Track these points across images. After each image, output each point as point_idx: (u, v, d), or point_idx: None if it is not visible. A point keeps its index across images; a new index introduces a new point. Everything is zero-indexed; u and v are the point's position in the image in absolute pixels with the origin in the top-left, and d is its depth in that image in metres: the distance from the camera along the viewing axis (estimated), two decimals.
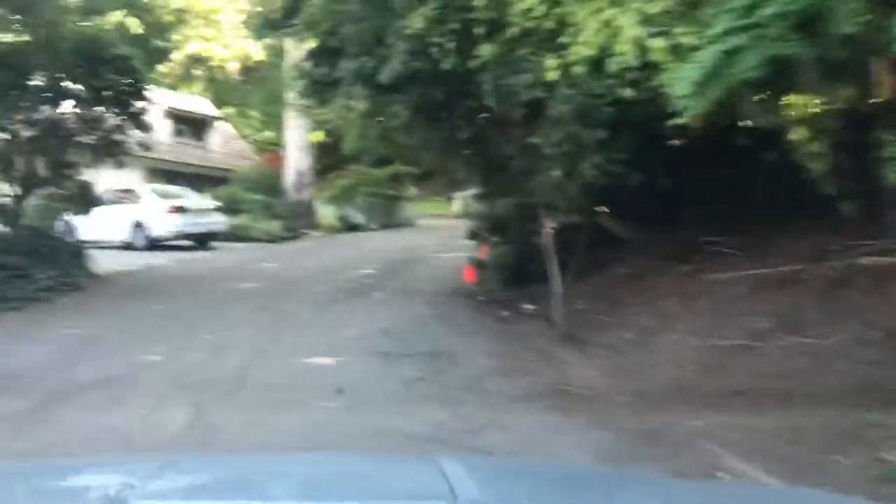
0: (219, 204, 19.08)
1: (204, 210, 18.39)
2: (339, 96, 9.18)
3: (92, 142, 12.16)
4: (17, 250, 10.51)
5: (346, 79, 8.25)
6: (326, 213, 24.27)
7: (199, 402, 5.87)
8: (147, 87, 12.69)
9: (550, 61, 5.67)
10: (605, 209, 8.14)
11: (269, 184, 22.74)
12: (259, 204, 21.19)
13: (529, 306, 9.90)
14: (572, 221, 8.11)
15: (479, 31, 6.63)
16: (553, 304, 8.26)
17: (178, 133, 24.81)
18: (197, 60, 28.81)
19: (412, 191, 28.56)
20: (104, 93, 11.91)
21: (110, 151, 12.34)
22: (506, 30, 6.54)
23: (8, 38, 10.09)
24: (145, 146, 12.93)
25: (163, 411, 5.64)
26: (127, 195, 17.67)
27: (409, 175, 27.67)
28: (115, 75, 11.74)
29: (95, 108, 12.19)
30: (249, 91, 33.33)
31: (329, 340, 8.42)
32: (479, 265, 12.41)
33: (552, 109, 6.22)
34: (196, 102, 27.23)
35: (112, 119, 12.39)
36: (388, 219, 26.49)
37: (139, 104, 12.57)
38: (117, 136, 12.29)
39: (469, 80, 7.31)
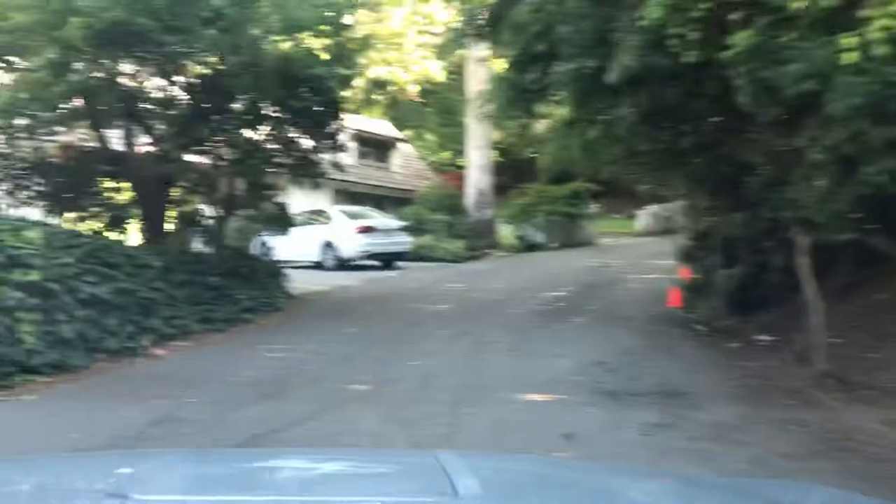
0: (405, 224, 18.95)
1: (390, 230, 18.31)
2: (548, 104, 8.43)
3: (289, 163, 12.17)
4: (220, 271, 10.55)
5: (560, 83, 7.47)
6: (506, 232, 23.66)
7: (416, 445, 5.24)
8: (342, 107, 12.57)
9: (848, 39, 4.58)
10: (875, 223, 6.79)
11: (451, 203, 22.47)
12: (442, 223, 20.92)
13: (764, 337, 8.64)
14: (827, 238, 6.84)
15: (735, 16, 5.62)
16: (812, 337, 6.99)
17: (362, 155, 25.17)
18: (378, 84, 29.28)
19: (593, 208, 27.43)
20: (300, 114, 11.87)
21: (307, 172, 12.30)
22: (767, 13, 5.49)
23: (214, 61, 10.17)
24: (339, 167, 12.83)
25: None
26: (317, 216, 17.87)
27: (589, 192, 26.63)
28: (311, 96, 11.65)
29: (292, 130, 12.21)
30: (428, 113, 33.62)
31: (540, 373, 7.61)
32: (692, 288, 11.22)
33: (834, 103, 5.09)
34: (378, 125, 27.62)
35: (307, 140, 12.38)
36: (568, 238, 25.52)
37: (334, 125, 12.48)
38: (313, 157, 12.23)
39: (711, 75, 6.31)
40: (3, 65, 9.66)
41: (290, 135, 12.05)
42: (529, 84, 8.16)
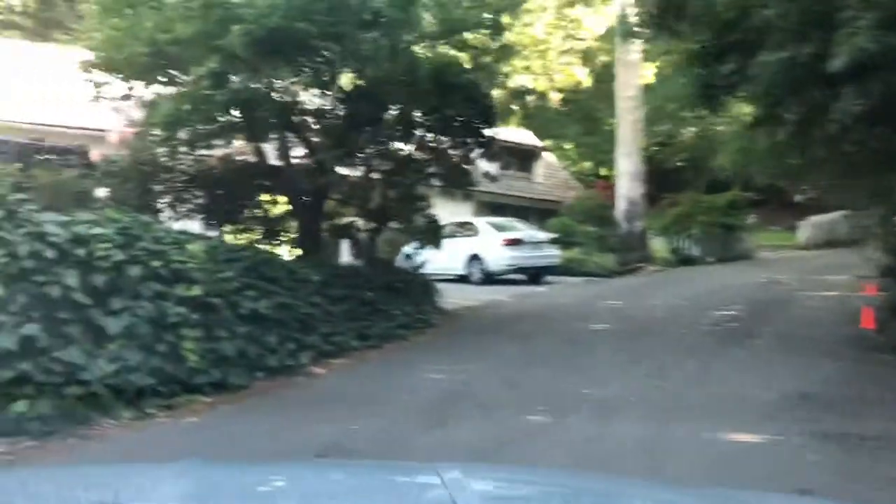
0: (553, 236, 18.16)
1: (539, 243, 17.57)
2: (741, 99, 7.49)
3: (441, 173, 11.72)
4: (374, 285, 10.18)
5: (762, 76, 6.53)
6: (658, 244, 22.39)
7: None
8: (496, 114, 12.01)
9: None
10: None
11: (599, 214, 21.49)
12: (591, 235, 19.97)
13: None
14: None
15: None
16: None
17: (504, 165, 24.58)
18: (518, 93, 28.70)
19: (751, 219, 25.66)
20: (453, 122, 11.39)
21: (459, 183, 11.81)
22: None
23: (370, 68, 9.84)
24: (492, 177, 12.27)
25: None
26: (463, 228, 17.38)
27: (747, 201, 24.95)
28: (464, 103, 11.13)
29: (444, 139, 11.77)
30: (568, 122, 32.67)
31: (737, 406, 6.66)
32: (891, 308, 9.84)
33: None
34: (520, 134, 27.01)
35: (459, 150, 11.89)
36: (725, 251, 23.95)
37: (487, 133, 11.95)
38: (466, 167, 11.72)
39: None
40: (165, 79, 9.73)
41: (442, 144, 11.60)
42: (719, 79, 7.25)
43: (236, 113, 9.86)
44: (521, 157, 26.06)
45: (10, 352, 5.28)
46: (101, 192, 9.38)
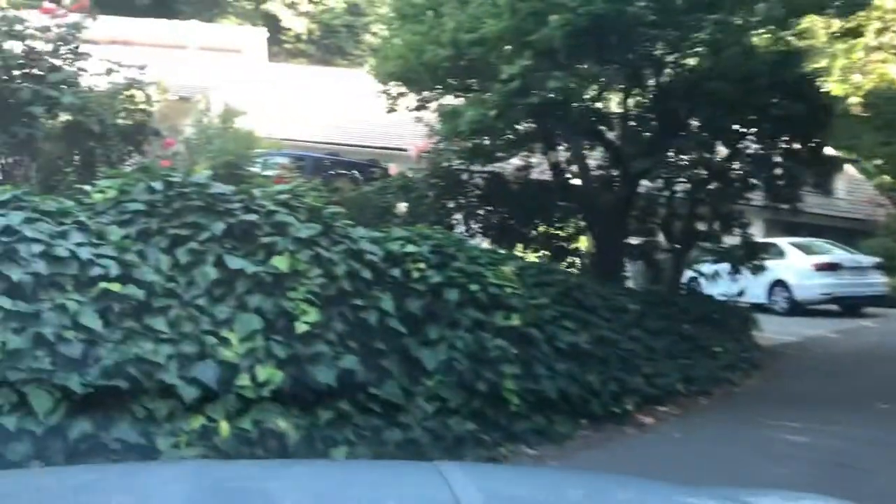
0: (878, 261, 15.37)
1: (861, 268, 14.93)
2: None
3: (766, 186, 10.00)
4: (691, 317, 8.73)
5: None
6: None
7: None
8: (831, 116, 10.08)
9: None
10: None
11: None
12: None
13: None
14: None
15: None
16: None
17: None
18: None
19: None
20: (782, 125, 9.61)
21: (787, 198, 10.01)
22: None
23: (693, 62, 8.48)
24: (826, 190, 10.32)
25: None
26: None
27: None
28: (796, 102, 9.32)
29: (766, 145, 10.04)
30: (864, 129, 28.66)
31: None
32: None
33: None
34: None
35: (785, 158, 10.08)
36: None
37: (818, 137, 10.05)
38: (796, 179, 9.90)
39: None
40: (461, 87, 9.08)
41: (767, 151, 9.89)
42: None
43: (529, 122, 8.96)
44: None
45: (329, 388, 4.58)
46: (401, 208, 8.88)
